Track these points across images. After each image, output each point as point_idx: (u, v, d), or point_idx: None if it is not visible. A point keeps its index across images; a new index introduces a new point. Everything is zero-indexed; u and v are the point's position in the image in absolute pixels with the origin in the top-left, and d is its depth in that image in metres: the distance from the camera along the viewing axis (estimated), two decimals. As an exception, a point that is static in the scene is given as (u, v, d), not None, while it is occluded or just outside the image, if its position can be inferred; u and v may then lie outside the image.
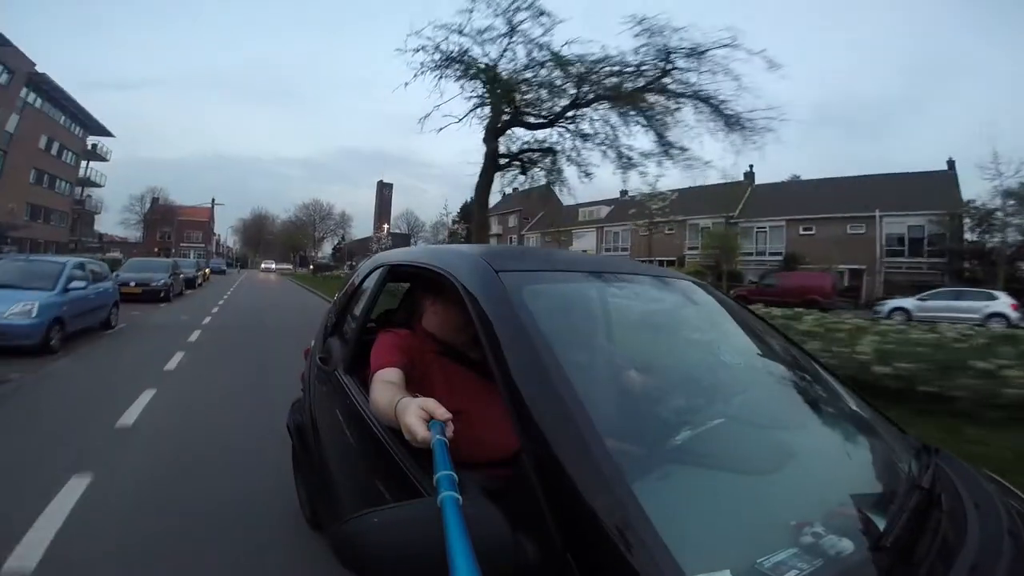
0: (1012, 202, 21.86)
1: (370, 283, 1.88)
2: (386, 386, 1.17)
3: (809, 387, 1.39)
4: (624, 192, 28.59)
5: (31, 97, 30.31)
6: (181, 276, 16.49)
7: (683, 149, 9.89)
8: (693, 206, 30.53)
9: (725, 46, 8.83)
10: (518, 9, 9.17)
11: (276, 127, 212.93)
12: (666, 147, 9.80)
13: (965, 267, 22.64)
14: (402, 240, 66.62)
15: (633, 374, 1.33)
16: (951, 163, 26.48)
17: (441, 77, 9.91)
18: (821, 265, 23.22)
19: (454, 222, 45.45)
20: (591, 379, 1.14)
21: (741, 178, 32.97)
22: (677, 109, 9.48)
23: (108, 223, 55.99)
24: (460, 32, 9.55)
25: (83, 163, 39.38)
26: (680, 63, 9.06)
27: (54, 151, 34.08)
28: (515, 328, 1.02)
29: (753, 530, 0.85)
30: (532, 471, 0.83)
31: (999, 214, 21.85)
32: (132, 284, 12.40)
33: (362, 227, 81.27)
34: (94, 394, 4.49)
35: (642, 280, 1.61)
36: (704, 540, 0.79)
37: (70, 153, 36.71)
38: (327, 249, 72.87)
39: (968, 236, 23.18)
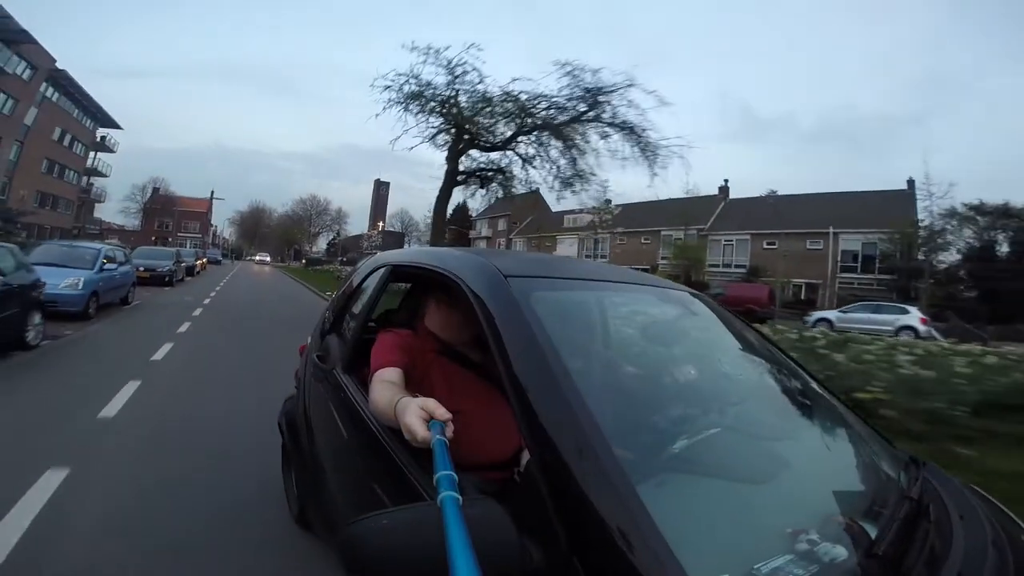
0: (954, 222, 23.74)
1: (371, 283, 1.90)
2: (386, 386, 1.17)
3: (803, 399, 1.42)
4: (609, 201, 31.06)
5: (49, 91, 32.05)
6: (183, 264, 18.28)
7: (593, 174, 12.14)
8: (671, 218, 32.48)
9: (630, 85, 10.97)
10: (457, 64, 11.35)
11: (278, 121, 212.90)
12: (579, 172, 12.01)
13: (910, 284, 24.42)
14: (396, 238, 68.49)
15: (634, 380, 1.37)
16: (911, 182, 27.96)
17: (406, 110, 11.97)
18: (780, 278, 24.93)
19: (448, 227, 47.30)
20: (595, 385, 1.15)
21: (716, 192, 35.44)
22: (605, 137, 11.65)
23: (108, 211, 57.71)
24: (416, 78, 11.67)
25: (91, 153, 41.13)
26: (602, 98, 11.15)
27: (66, 142, 35.83)
28: (522, 333, 1.04)
29: (750, 537, 0.87)
30: (538, 473, 0.85)
31: (943, 234, 23.71)
32: (141, 269, 13.93)
33: (358, 224, 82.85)
34: (129, 344, 6.33)
35: (646, 291, 1.66)
36: (704, 545, 0.81)
37: (80, 144, 38.46)
38: (322, 244, 74.53)
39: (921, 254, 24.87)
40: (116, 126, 42.59)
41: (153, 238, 53.07)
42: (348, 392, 1.58)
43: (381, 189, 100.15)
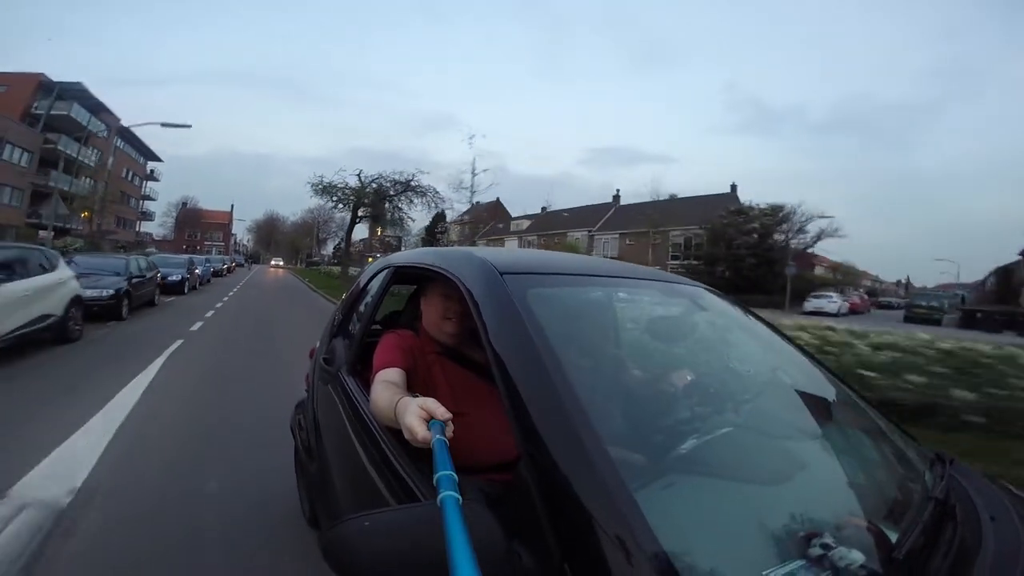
0: (740, 218, 34.06)
1: (375, 284, 1.92)
2: (387, 386, 1.18)
3: (819, 394, 1.37)
4: (544, 208, 44.30)
5: (119, 142, 44.74)
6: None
7: (411, 219, 25.49)
8: (577, 222, 44.11)
9: (422, 172, 24.18)
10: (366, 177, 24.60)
11: (289, 125, 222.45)
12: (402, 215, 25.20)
13: (717, 269, 34.34)
14: (390, 244, 79.50)
15: (639, 378, 1.32)
16: (733, 187, 38.30)
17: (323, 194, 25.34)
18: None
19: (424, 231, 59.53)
20: (595, 385, 1.10)
21: (610, 199, 46.75)
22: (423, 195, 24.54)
23: (150, 226, 70.62)
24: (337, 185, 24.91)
25: (144, 183, 54.03)
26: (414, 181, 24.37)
27: (128, 177, 48.59)
28: (516, 330, 1.02)
29: (760, 541, 0.83)
30: (531, 478, 0.82)
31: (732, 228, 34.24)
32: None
33: (363, 228, 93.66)
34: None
35: (649, 285, 1.60)
36: (709, 551, 0.78)
37: (137, 177, 51.28)
38: (329, 249, 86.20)
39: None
40: (158, 159, 55.40)
41: (184, 246, 65.47)
42: (352, 394, 1.59)
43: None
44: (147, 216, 58.26)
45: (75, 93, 33.96)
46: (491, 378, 1.08)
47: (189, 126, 25.07)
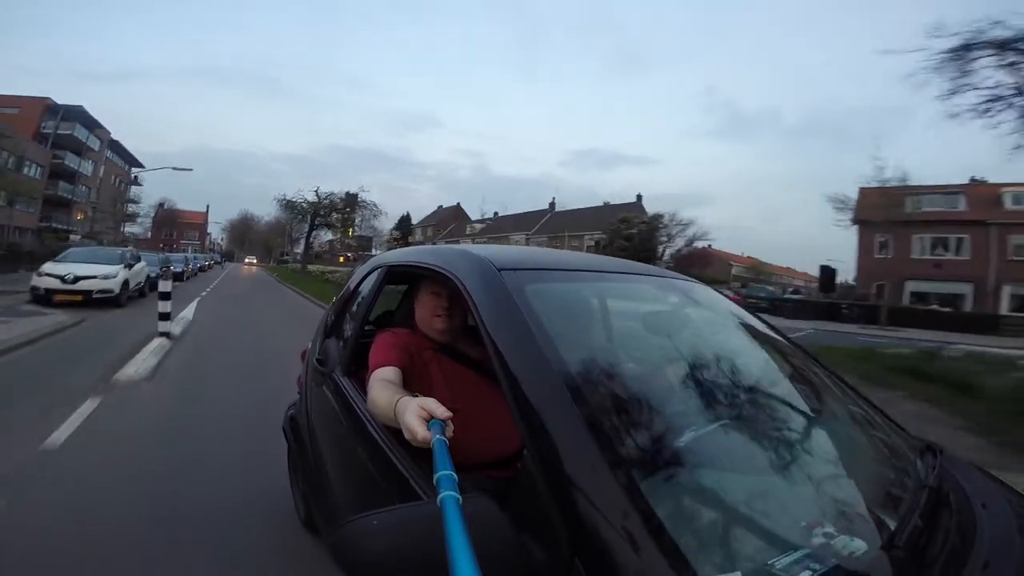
0: (623, 225, 41.37)
1: (368, 284, 1.91)
2: (385, 385, 1.18)
3: (813, 388, 1.40)
4: (496, 213, 51.78)
5: (108, 153, 50.35)
6: (196, 263, 34.13)
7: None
8: (518, 226, 51.33)
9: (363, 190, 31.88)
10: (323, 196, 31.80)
11: (267, 123, 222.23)
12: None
13: None
14: (363, 243, 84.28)
15: (636, 372, 1.32)
16: (639, 196, 45.85)
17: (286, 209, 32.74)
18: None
19: (389, 238, 65.85)
20: (596, 378, 1.09)
21: (546, 206, 54.00)
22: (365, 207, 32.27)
23: (134, 227, 75.35)
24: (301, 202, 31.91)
25: (130, 188, 59.57)
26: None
27: (117, 184, 54.17)
28: (517, 326, 1.03)
29: (763, 532, 0.84)
30: (536, 471, 0.83)
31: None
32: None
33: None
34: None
35: (646, 280, 1.62)
36: (713, 542, 0.79)
37: (123, 183, 56.82)
38: (301, 248, 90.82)
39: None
40: (140, 165, 60.91)
41: (161, 245, 70.21)
42: (348, 394, 1.60)
43: (350, 198, 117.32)
44: (131, 218, 63.61)
45: (76, 114, 39.64)
46: (486, 373, 1.18)
47: (191, 170, 27.17)
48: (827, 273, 28.10)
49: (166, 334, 7.18)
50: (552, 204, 54.49)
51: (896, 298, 27.73)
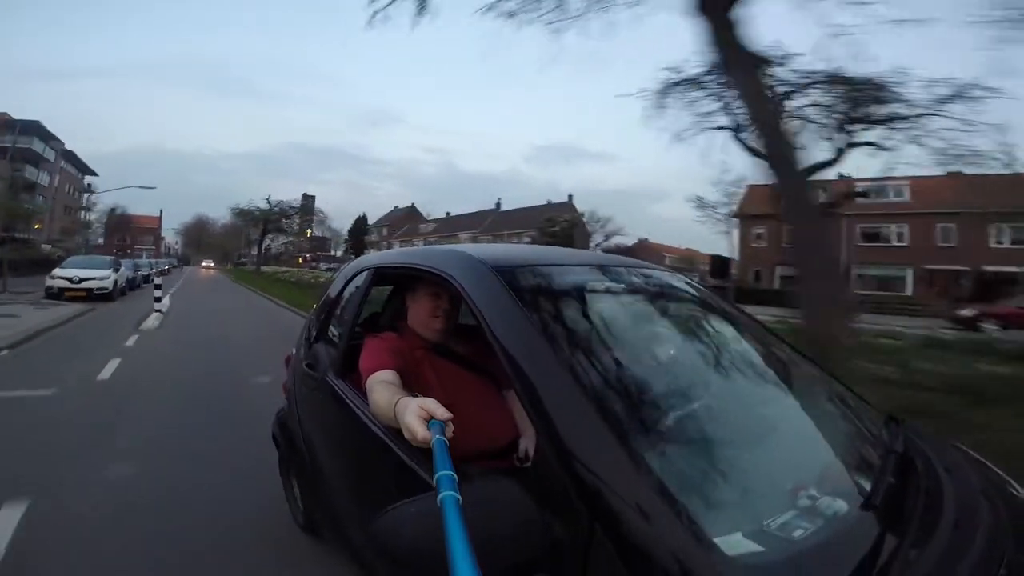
0: (548, 223, 46.47)
1: (354, 287, 1.94)
2: (385, 386, 1.20)
3: (785, 367, 1.50)
4: (448, 213, 55.59)
5: (62, 163, 51.70)
6: (161, 266, 39.35)
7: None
8: (467, 224, 55.12)
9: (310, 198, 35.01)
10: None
11: (220, 120, 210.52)
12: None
13: None
14: (320, 244, 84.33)
15: (627, 359, 1.37)
16: (570, 196, 50.57)
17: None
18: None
19: (344, 240, 68.10)
20: (591, 365, 1.14)
21: (493, 206, 58.02)
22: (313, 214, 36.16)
23: (89, 233, 74.99)
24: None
25: (84, 196, 60.61)
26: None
27: (71, 192, 55.42)
28: (516, 322, 1.08)
29: (755, 496, 0.92)
30: (552, 454, 0.90)
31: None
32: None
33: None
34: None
35: (631, 272, 1.69)
36: (715, 505, 0.87)
37: (76, 191, 57.96)
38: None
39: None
40: (94, 173, 61.90)
41: (115, 251, 69.94)
42: (344, 395, 1.62)
43: (306, 201, 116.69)
44: (87, 225, 64.50)
45: (33, 128, 41.38)
46: (477, 369, 1.25)
47: (154, 187, 27.56)
48: (718, 261, 33.18)
49: (159, 311, 11.00)
50: (498, 204, 58.61)
51: (768, 282, 33.11)
